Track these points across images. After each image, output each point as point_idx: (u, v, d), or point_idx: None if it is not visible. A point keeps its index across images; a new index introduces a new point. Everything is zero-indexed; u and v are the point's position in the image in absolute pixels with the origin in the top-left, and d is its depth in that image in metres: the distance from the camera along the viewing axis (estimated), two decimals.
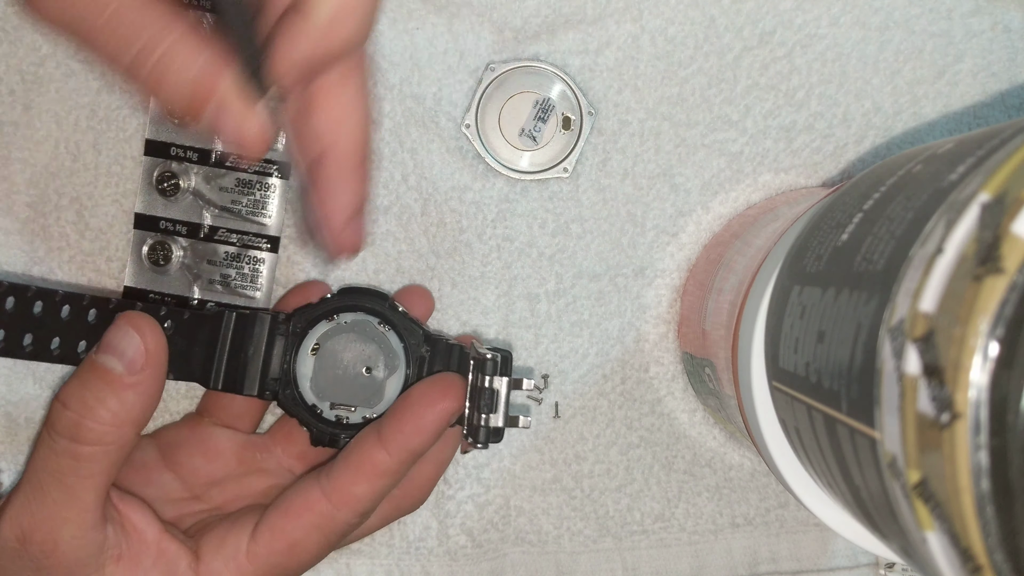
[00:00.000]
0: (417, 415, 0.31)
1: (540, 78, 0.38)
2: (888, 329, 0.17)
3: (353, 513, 0.31)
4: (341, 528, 0.31)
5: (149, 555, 0.30)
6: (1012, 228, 0.15)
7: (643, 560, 0.39)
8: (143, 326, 0.29)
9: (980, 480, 0.15)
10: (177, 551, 0.30)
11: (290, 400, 0.34)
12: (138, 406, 0.29)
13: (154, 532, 0.30)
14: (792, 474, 0.26)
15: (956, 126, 0.39)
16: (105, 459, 0.29)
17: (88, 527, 0.29)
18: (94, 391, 0.29)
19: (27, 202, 0.37)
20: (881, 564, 0.39)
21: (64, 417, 0.29)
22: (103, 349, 0.29)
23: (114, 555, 0.30)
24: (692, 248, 0.39)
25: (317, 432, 0.34)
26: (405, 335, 0.34)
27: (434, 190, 0.38)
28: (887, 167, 0.23)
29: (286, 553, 0.30)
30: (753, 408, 0.27)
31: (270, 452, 0.35)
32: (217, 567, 0.30)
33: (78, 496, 0.29)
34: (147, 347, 0.29)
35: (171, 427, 0.36)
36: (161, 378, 0.30)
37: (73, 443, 0.29)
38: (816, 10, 0.38)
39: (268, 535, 0.31)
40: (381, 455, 0.30)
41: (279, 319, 0.34)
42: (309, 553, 0.31)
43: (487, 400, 0.33)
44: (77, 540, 0.29)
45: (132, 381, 0.29)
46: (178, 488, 0.34)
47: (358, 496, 0.30)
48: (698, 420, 0.39)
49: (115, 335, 0.29)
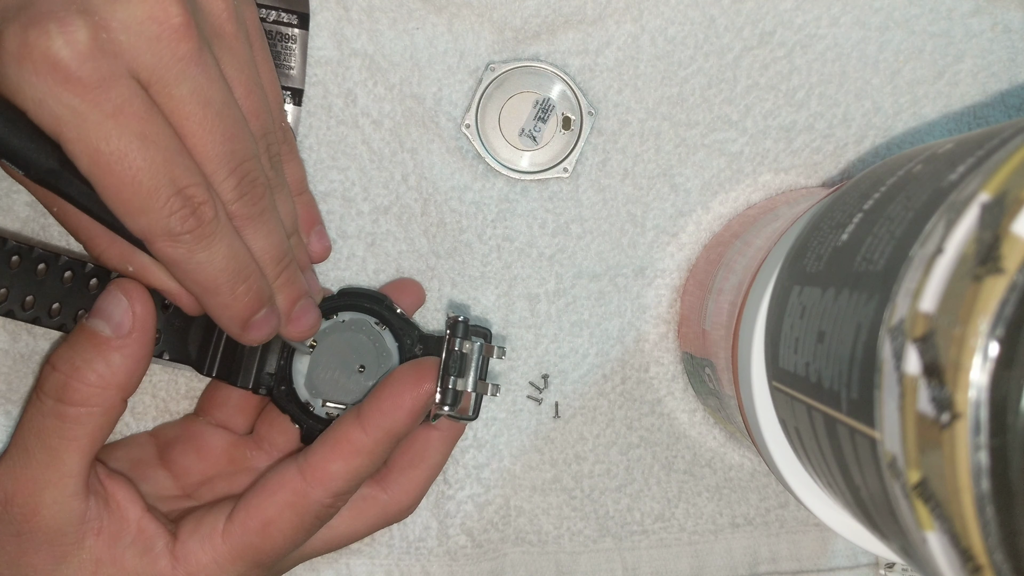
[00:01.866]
0: (395, 394, 0.31)
1: (540, 78, 0.38)
2: (888, 329, 0.17)
3: (326, 491, 0.31)
4: (315, 508, 0.31)
5: (129, 533, 0.30)
6: (1012, 228, 0.15)
7: (643, 560, 0.39)
8: (132, 291, 0.30)
9: (980, 480, 0.15)
10: (156, 531, 0.31)
11: (284, 396, 0.34)
12: (124, 369, 0.29)
13: (136, 511, 0.31)
14: (792, 474, 0.26)
15: (956, 126, 0.39)
16: (90, 422, 0.29)
17: (69, 493, 0.29)
18: (82, 353, 0.29)
19: (27, 201, 0.37)
20: (881, 564, 0.39)
21: (52, 378, 0.29)
22: (93, 314, 0.30)
23: (94, 528, 0.30)
24: (692, 248, 0.39)
25: (308, 429, 0.34)
26: (400, 335, 0.35)
27: (434, 190, 0.38)
28: (887, 167, 0.23)
29: (260, 532, 0.31)
30: (753, 408, 0.27)
31: (259, 451, 0.35)
32: (192, 547, 0.31)
33: (61, 459, 0.29)
34: (135, 311, 0.30)
35: (169, 425, 0.37)
36: (148, 344, 0.30)
37: (59, 403, 0.29)
38: (816, 10, 0.38)
39: (243, 514, 0.31)
40: (357, 433, 0.31)
41: None
42: (283, 533, 0.31)
43: (456, 362, 0.33)
44: (58, 505, 0.29)
45: (118, 343, 0.29)
46: (171, 486, 0.34)
47: (332, 473, 0.31)
48: (698, 420, 0.39)
49: (105, 300, 0.30)
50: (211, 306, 0.30)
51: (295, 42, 0.37)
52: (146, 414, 0.38)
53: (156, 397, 0.38)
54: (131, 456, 0.34)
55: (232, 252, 0.29)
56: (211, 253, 0.28)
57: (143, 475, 0.34)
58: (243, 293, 0.29)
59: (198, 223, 0.27)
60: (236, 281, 0.29)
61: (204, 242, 0.28)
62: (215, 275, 0.29)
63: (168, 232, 0.27)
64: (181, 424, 0.36)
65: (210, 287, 0.29)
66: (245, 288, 0.29)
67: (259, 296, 0.30)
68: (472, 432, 0.38)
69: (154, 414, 0.38)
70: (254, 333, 0.31)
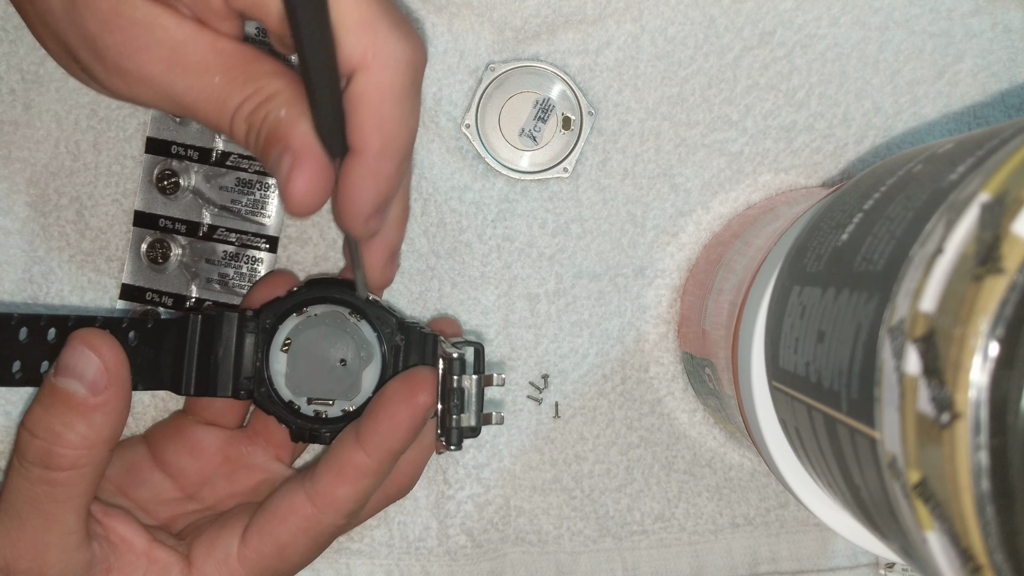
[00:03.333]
0: (391, 414, 0.31)
1: (540, 78, 0.38)
2: (888, 329, 0.17)
3: (338, 515, 0.31)
4: (328, 530, 0.31)
5: (140, 565, 0.30)
6: (1012, 228, 0.15)
7: (643, 560, 0.39)
8: (100, 345, 0.29)
9: (980, 480, 0.15)
10: (168, 558, 0.30)
11: (266, 398, 0.34)
12: (107, 426, 0.29)
13: (142, 541, 0.30)
14: (792, 474, 0.26)
15: (956, 126, 0.39)
16: (81, 481, 0.29)
17: (72, 548, 0.29)
18: (60, 416, 0.28)
19: (27, 201, 0.37)
20: (881, 564, 0.39)
21: (33, 446, 0.28)
22: (61, 372, 0.29)
23: (103, 569, 0.30)
24: (692, 248, 0.39)
25: (296, 429, 0.34)
26: (378, 324, 0.34)
27: (434, 190, 0.38)
28: (887, 167, 0.23)
29: (276, 556, 0.31)
30: (753, 408, 0.27)
31: (254, 446, 0.35)
32: (208, 571, 0.30)
33: (58, 520, 0.28)
34: (107, 366, 0.29)
35: (159, 425, 0.36)
36: (127, 394, 0.29)
37: (46, 470, 0.28)
38: (816, 10, 0.38)
39: (257, 539, 0.31)
40: (360, 457, 0.30)
41: (247, 316, 0.33)
42: (299, 555, 0.31)
43: (457, 400, 0.33)
44: (63, 563, 0.29)
45: (97, 402, 0.28)
46: (170, 488, 0.34)
47: (341, 498, 0.31)
48: (698, 420, 0.39)
49: (71, 356, 0.29)
50: (384, 169, 0.27)
51: (274, 191, 0.37)
52: (145, 414, 0.38)
53: (156, 396, 0.38)
54: (126, 461, 0.34)
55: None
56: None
57: (140, 479, 0.34)
58: (403, 170, 0.28)
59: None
60: (410, 153, 0.28)
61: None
62: (405, 132, 0.27)
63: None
64: (171, 423, 0.36)
65: (408, 143, 0.27)
66: (406, 166, 0.28)
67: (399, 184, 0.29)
68: None
69: (153, 413, 0.38)
70: (376, 220, 0.28)
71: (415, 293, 0.38)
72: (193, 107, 0.27)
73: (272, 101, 0.26)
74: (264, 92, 0.26)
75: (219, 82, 0.26)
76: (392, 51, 0.26)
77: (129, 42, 0.26)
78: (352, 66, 0.26)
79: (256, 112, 0.26)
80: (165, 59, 0.26)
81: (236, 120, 0.27)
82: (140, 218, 0.37)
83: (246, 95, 0.26)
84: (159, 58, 0.26)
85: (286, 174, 0.26)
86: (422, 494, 0.38)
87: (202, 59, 0.26)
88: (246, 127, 0.26)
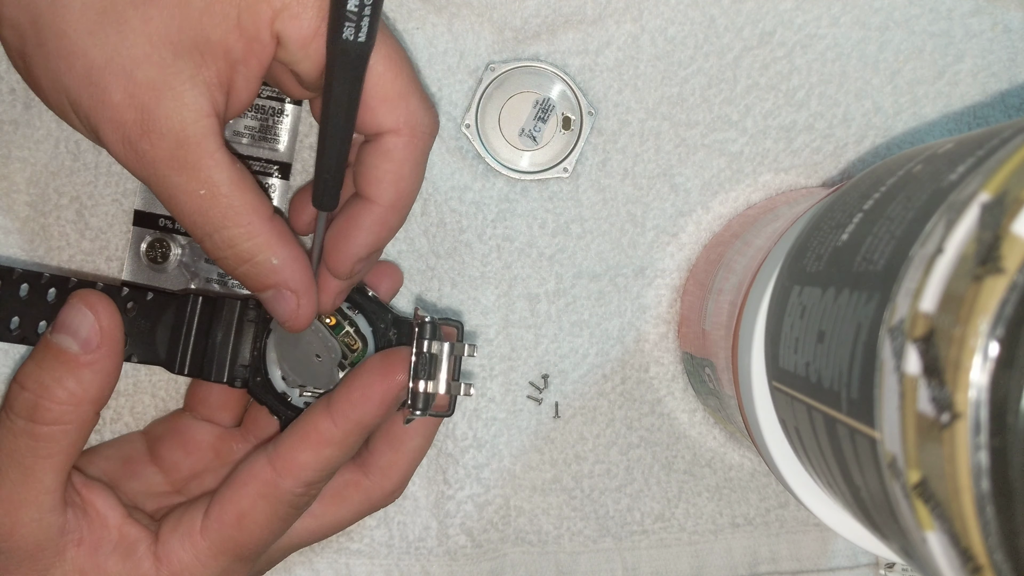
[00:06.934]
0: (365, 384, 0.31)
1: (540, 78, 0.38)
2: (888, 329, 0.17)
3: (296, 481, 0.31)
4: (287, 498, 0.31)
5: (110, 540, 0.30)
6: (1012, 228, 0.15)
7: (643, 560, 0.39)
8: (97, 304, 0.29)
9: (980, 480, 0.15)
10: (137, 534, 0.30)
11: (260, 388, 0.34)
12: (95, 385, 0.29)
13: (116, 517, 0.31)
14: (792, 474, 0.26)
15: (956, 126, 0.39)
16: (64, 439, 0.29)
17: (47, 509, 0.29)
18: (50, 371, 0.29)
19: (27, 201, 0.37)
20: (881, 564, 0.39)
21: (22, 398, 0.29)
22: (57, 328, 0.29)
23: (75, 539, 0.30)
24: (692, 248, 0.39)
25: (287, 420, 0.34)
26: (374, 319, 0.34)
27: (434, 190, 0.38)
28: (887, 167, 0.23)
29: (236, 525, 0.30)
30: (753, 408, 0.27)
31: (245, 443, 0.35)
32: (173, 545, 0.30)
33: (37, 477, 0.29)
34: (101, 325, 0.29)
35: (158, 422, 0.37)
36: (118, 356, 0.30)
37: (31, 423, 0.29)
38: (816, 10, 0.38)
39: (218, 508, 0.31)
40: (326, 423, 0.31)
41: (249, 305, 0.34)
42: (259, 525, 0.31)
43: (425, 364, 0.32)
44: (36, 522, 0.29)
45: (88, 360, 0.29)
46: (161, 482, 0.34)
47: (301, 463, 0.30)
48: (698, 420, 0.39)
49: (69, 314, 0.29)
50: (390, 220, 0.31)
51: (274, 191, 0.37)
52: (146, 414, 0.38)
53: (156, 396, 0.38)
54: (122, 454, 0.34)
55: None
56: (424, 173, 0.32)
57: (134, 472, 0.34)
58: (400, 225, 0.32)
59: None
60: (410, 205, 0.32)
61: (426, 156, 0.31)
62: (415, 190, 0.31)
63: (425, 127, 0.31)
64: (169, 420, 0.36)
65: (413, 201, 0.32)
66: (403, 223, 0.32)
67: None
68: (472, 432, 0.38)
69: (153, 413, 0.38)
70: (362, 265, 0.32)
71: (415, 293, 0.38)
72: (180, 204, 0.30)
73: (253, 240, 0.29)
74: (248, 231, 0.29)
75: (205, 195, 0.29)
76: (419, 120, 0.30)
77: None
78: (384, 129, 0.30)
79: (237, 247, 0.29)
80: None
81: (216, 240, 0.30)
82: (140, 217, 0.37)
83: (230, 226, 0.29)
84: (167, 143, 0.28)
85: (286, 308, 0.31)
86: (422, 494, 0.38)
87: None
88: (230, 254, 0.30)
